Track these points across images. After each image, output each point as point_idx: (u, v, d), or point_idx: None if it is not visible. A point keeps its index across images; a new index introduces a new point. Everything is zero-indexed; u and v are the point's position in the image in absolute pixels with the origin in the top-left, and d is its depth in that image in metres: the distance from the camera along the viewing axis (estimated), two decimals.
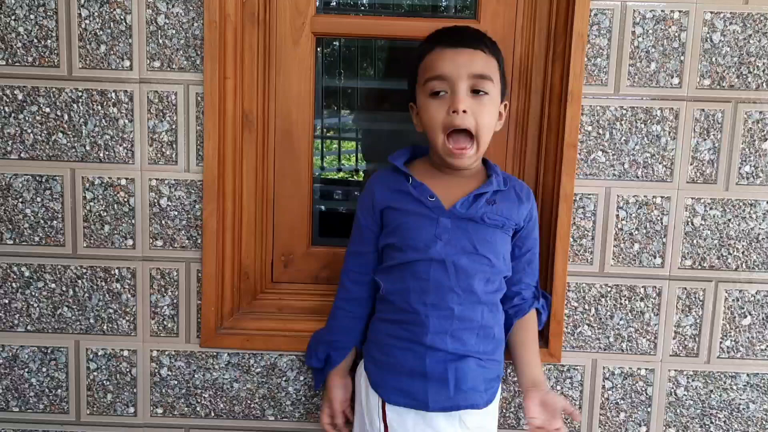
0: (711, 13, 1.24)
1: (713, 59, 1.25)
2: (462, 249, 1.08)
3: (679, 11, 1.24)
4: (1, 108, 1.26)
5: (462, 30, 1.12)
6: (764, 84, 1.26)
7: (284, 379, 1.34)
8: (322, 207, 1.57)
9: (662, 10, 1.24)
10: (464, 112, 1.04)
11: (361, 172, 1.92)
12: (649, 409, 1.35)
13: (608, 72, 1.26)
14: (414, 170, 1.16)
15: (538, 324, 1.23)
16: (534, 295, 1.22)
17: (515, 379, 1.33)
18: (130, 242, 1.30)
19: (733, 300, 1.31)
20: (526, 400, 1.12)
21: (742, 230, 1.29)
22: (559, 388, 1.34)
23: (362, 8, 1.61)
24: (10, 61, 1.25)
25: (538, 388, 1.13)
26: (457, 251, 1.08)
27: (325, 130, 1.81)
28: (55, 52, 1.25)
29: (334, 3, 1.62)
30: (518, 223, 1.15)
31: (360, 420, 1.17)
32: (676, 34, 1.25)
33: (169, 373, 1.34)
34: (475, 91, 1.07)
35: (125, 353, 1.33)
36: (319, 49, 1.40)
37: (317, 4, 1.35)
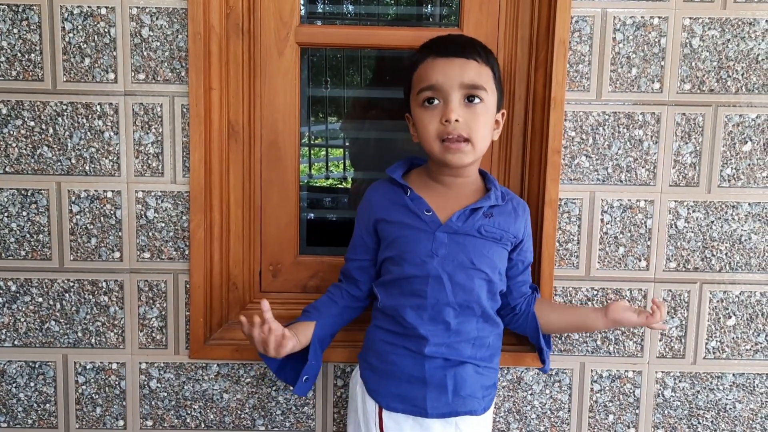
0: (690, 18, 1.26)
1: (693, 64, 1.27)
2: (459, 264, 1.08)
3: (659, 17, 1.26)
4: None
5: (455, 39, 1.12)
6: (743, 87, 1.28)
7: (274, 388, 1.34)
8: (311, 215, 1.57)
9: (642, 17, 1.26)
10: (457, 121, 1.04)
11: (349, 179, 1.93)
12: (637, 411, 1.36)
13: (590, 78, 1.27)
14: (411, 182, 1.15)
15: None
16: (532, 289, 1.23)
17: (503, 383, 1.34)
18: (117, 255, 1.30)
19: (717, 301, 1.33)
20: (615, 314, 1.15)
21: (725, 232, 1.31)
22: (548, 391, 1.35)
23: (348, 17, 1.62)
24: None
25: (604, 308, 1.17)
26: (454, 266, 1.08)
27: (313, 137, 1.82)
28: (39, 65, 1.25)
29: (320, 10, 1.62)
30: (516, 236, 1.14)
31: (355, 428, 1.17)
32: (656, 40, 1.26)
33: (159, 385, 1.34)
34: (469, 99, 1.06)
35: (114, 366, 1.33)
36: (305, 57, 1.41)
37: (302, 14, 1.35)
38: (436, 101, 1.06)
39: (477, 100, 1.06)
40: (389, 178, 1.16)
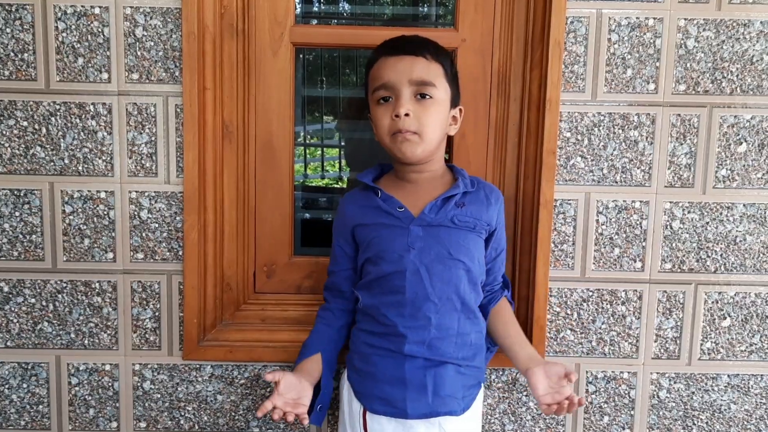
0: (685, 19, 1.26)
1: (688, 65, 1.27)
2: (436, 255, 1.09)
3: (654, 18, 1.26)
4: None
5: (406, 38, 1.15)
6: (738, 89, 1.28)
7: (268, 390, 1.34)
8: (307, 215, 1.57)
9: (637, 17, 1.26)
10: (406, 115, 1.07)
11: (345, 179, 1.92)
12: (632, 412, 1.36)
13: (585, 79, 1.27)
14: (382, 185, 1.18)
15: None
16: (502, 283, 1.24)
17: (499, 384, 1.34)
18: (110, 255, 1.29)
19: (712, 302, 1.33)
20: (531, 378, 1.06)
21: (720, 233, 1.31)
22: None
23: (344, 16, 1.62)
24: None
25: (536, 361, 1.10)
26: (431, 259, 1.08)
27: (309, 137, 1.81)
28: (33, 65, 1.24)
29: (317, 9, 1.62)
30: (489, 224, 1.15)
31: (342, 429, 1.18)
32: (651, 41, 1.26)
33: (152, 386, 1.33)
34: (421, 95, 1.09)
35: (107, 367, 1.32)
36: (300, 56, 1.40)
37: (297, 13, 1.35)
38: (389, 99, 1.10)
39: (428, 97, 1.09)
40: (361, 184, 1.18)
